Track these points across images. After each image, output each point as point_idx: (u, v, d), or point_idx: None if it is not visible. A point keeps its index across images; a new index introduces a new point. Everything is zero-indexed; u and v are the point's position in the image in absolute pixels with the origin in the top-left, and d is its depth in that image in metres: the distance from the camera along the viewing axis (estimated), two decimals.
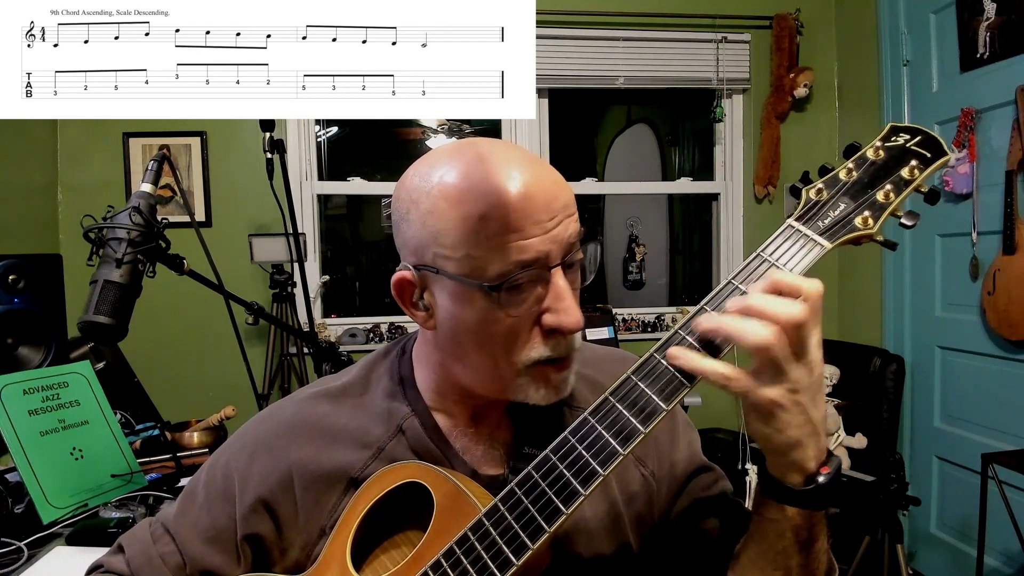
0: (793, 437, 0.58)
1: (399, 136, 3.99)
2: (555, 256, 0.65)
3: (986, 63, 2.42)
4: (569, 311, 0.65)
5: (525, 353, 0.67)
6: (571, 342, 0.68)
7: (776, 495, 0.62)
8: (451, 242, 0.64)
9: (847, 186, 0.63)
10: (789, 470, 0.60)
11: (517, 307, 0.65)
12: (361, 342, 2.99)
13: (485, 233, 0.63)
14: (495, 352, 0.67)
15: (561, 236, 0.65)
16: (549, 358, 0.67)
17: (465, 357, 0.70)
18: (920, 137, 0.64)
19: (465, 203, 0.63)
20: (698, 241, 3.96)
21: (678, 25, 3.17)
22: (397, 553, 0.71)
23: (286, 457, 0.75)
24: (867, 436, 2.64)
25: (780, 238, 0.62)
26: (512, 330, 0.66)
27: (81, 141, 2.87)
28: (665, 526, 0.79)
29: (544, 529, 0.59)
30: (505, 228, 0.62)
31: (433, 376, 0.76)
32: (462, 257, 0.64)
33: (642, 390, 0.60)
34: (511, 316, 0.65)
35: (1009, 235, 2.28)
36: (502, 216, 0.62)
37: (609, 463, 0.59)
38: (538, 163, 0.67)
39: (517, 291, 0.64)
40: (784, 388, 0.56)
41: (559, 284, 0.65)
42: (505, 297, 0.64)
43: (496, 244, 0.63)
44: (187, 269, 1.25)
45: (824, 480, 0.60)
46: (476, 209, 0.63)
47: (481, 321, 0.66)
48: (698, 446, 0.84)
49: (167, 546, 0.77)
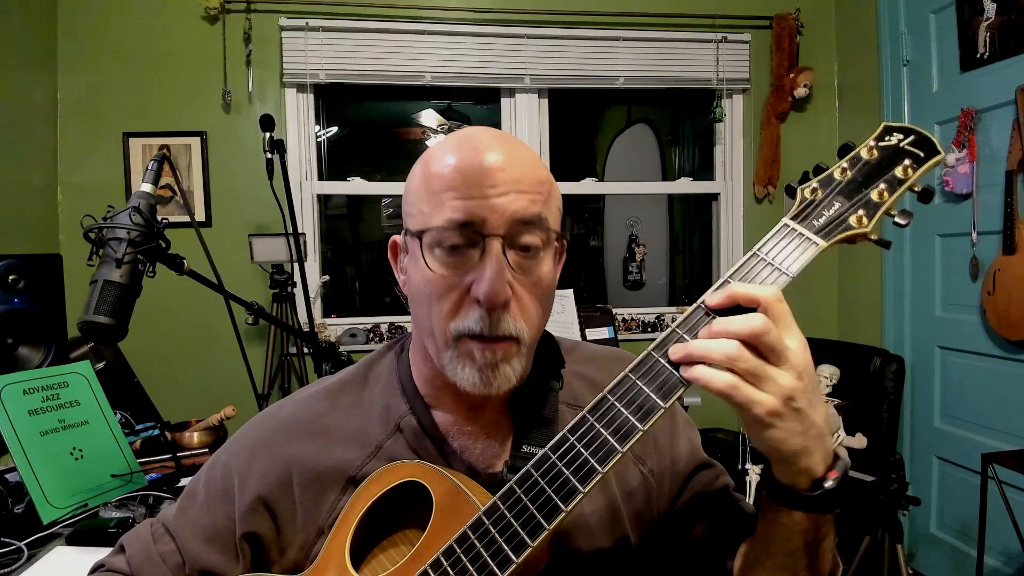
0: (798, 444, 0.57)
1: (399, 136, 3.98)
2: (493, 225, 0.66)
3: (986, 63, 2.42)
4: (489, 281, 0.64)
5: (454, 322, 0.68)
6: (498, 321, 0.66)
7: (785, 501, 0.61)
8: (412, 199, 0.71)
9: (842, 185, 0.64)
10: (797, 477, 0.60)
11: (445, 268, 0.67)
12: (361, 342, 2.99)
13: (432, 189, 0.68)
14: (432, 315, 0.69)
15: (504, 207, 0.66)
16: (472, 332, 0.67)
17: (419, 322, 0.72)
18: (913, 137, 0.64)
19: (426, 164, 0.70)
20: (698, 241, 3.95)
21: (678, 25, 3.17)
22: (396, 552, 0.71)
23: (285, 456, 0.76)
24: (867, 436, 2.64)
25: (776, 237, 0.63)
26: (440, 291, 0.67)
27: (81, 141, 2.87)
28: (667, 522, 0.79)
29: (543, 527, 0.59)
30: (446, 185, 0.67)
31: (423, 365, 0.77)
32: (416, 213, 0.70)
33: (640, 388, 0.60)
34: (431, 271, 0.67)
35: (1009, 235, 2.28)
36: (447, 174, 0.67)
37: (607, 461, 0.59)
38: (512, 144, 0.70)
39: (449, 251, 0.67)
40: (777, 397, 0.56)
41: (490, 253, 0.65)
42: (438, 254, 0.67)
43: (437, 200, 0.67)
44: (187, 269, 1.25)
45: (832, 485, 0.59)
46: (431, 168, 0.69)
47: (420, 279, 0.69)
48: (698, 443, 0.84)
49: (167, 545, 0.78)
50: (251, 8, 2.90)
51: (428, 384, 0.77)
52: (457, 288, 0.67)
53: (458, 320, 0.67)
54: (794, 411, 0.56)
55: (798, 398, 0.56)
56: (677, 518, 0.79)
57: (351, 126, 3.79)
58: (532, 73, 3.10)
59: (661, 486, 0.80)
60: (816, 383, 0.59)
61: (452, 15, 3.06)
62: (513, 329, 0.67)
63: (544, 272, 0.70)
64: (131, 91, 2.88)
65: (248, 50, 2.90)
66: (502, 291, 0.65)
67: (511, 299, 0.67)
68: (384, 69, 3.02)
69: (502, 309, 0.66)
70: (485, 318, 0.66)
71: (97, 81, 2.86)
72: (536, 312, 0.70)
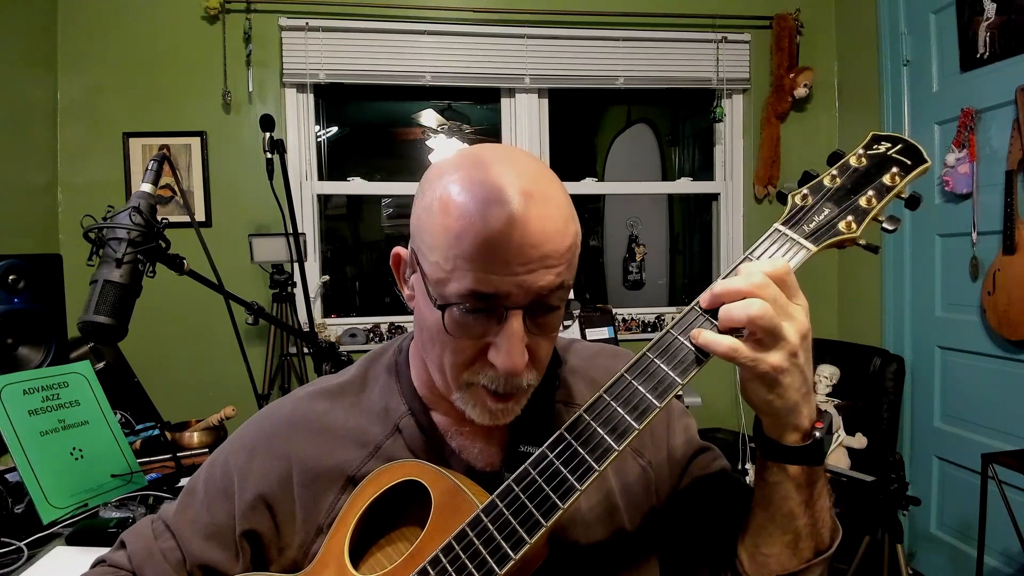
0: (792, 400, 0.61)
1: (399, 136, 3.98)
2: (516, 300, 0.63)
3: (986, 63, 2.42)
4: (509, 354, 0.64)
5: (468, 373, 0.68)
6: (514, 383, 0.67)
7: (777, 456, 0.64)
8: (429, 244, 0.66)
9: (831, 192, 0.66)
10: (787, 430, 0.63)
11: (461, 330, 0.65)
12: (361, 342, 2.99)
13: (455, 251, 0.63)
14: (443, 357, 0.69)
15: (530, 284, 0.63)
16: (486, 387, 0.68)
17: (425, 348, 0.72)
18: (901, 145, 0.67)
19: (450, 215, 0.63)
20: (698, 241, 3.95)
21: (678, 25, 3.17)
22: (394, 551, 0.71)
23: (285, 454, 0.76)
24: (867, 436, 2.64)
25: (767, 241, 0.65)
26: (458, 348, 0.67)
27: (81, 141, 2.87)
28: (670, 509, 0.80)
29: (541, 524, 0.60)
30: (473, 256, 0.62)
31: (423, 368, 0.77)
32: (433, 262, 0.65)
33: (636, 388, 0.61)
34: (451, 336, 0.66)
35: (1009, 235, 2.28)
36: (474, 245, 0.62)
37: (604, 459, 0.60)
38: (541, 200, 0.64)
39: (465, 317, 0.64)
40: (786, 352, 0.59)
41: (511, 326, 0.64)
42: (451, 318, 0.64)
43: (460, 266, 0.63)
44: (187, 269, 1.25)
45: (820, 434, 0.63)
46: (456, 225, 0.63)
47: (434, 327, 0.67)
48: (694, 431, 0.86)
49: (167, 542, 0.78)
50: (251, 8, 2.90)
51: (427, 386, 0.78)
52: (472, 345, 0.67)
53: (471, 373, 0.68)
54: (795, 367, 0.60)
55: (800, 354, 0.60)
56: (680, 504, 0.80)
57: (351, 126, 3.80)
58: (532, 73, 3.10)
59: (660, 476, 0.81)
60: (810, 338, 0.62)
61: (452, 15, 3.06)
62: (525, 383, 0.69)
63: (558, 320, 0.69)
64: (131, 91, 2.88)
65: (248, 50, 2.90)
66: (520, 363, 0.65)
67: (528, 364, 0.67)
68: (384, 69, 3.02)
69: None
70: (499, 381, 0.67)
71: (97, 81, 2.86)
72: (547, 354, 0.71)
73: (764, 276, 0.59)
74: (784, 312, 0.59)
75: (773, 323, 0.58)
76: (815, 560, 0.67)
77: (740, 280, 0.59)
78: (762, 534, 0.68)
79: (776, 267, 0.60)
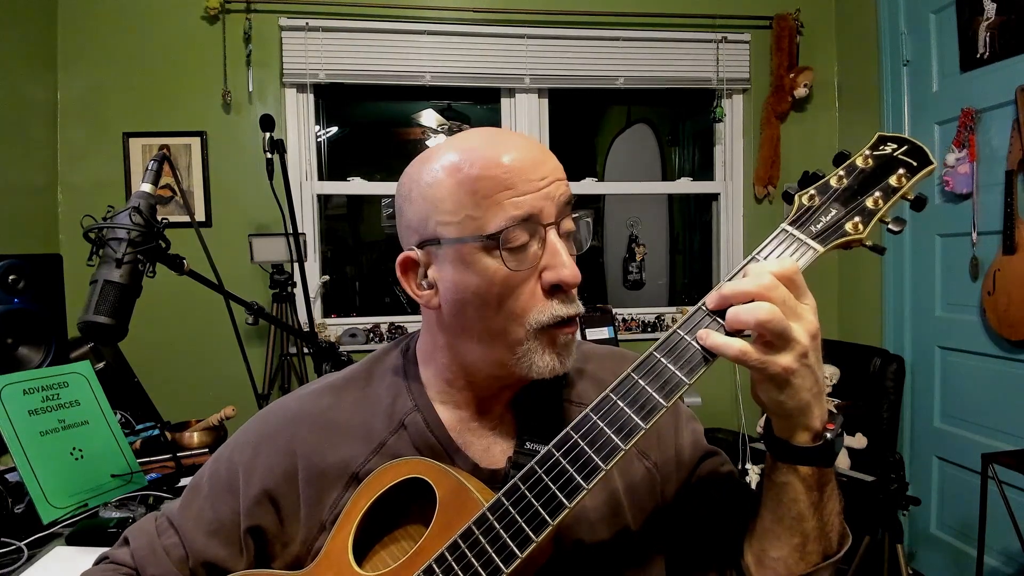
0: (804, 400, 0.61)
1: (399, 136, 3.99)
2: (549, 214, 0.68)
3: (986, 63, 2.42)
4: (567, 265, 0.68)
5: (533, 316, 0.68)
6: (576, 304, 0.70)
7: (787, 457, 0.64)
8: (451, 207, 0.68)
9: (838, 192, 0.66)
10: (798, 431, 0.63)
11: (516, 263, 0.67)
12: (361, 342, 2.99)
13: (482, 193, 0.67)
14: (499, 316, 0.69)
15: (554, 195, 0.68)
16: (558, 319, 0.69)
17: (471, 329, 0.71)
18: (907, 147, 0.67)
19: (462, 169, 0.68)
20: (698, 241, 3.95)
21: (678, 25, 3.17)
22: (398, 549, 0.71)
23: (290, 450, 0.76)
24: (867, 436, 2.64)
25: (775, 242, 0.65)
26: (514, 288, 0.68)
27: (81, 141, 2.86)
28: (675, 511, 0.80)
29: (548, 523, 0.60)
30: (499, 186, 0.66)
31: (439, 365, 0.77)
32: (462, 220, 0.67)
33: (642, 388, 0.61)
34: (512, 270, 0.67)
35: (1009, 235, 2.28)
36: (496, 176, 0.67)
37: (611, 458, 0.60)
38: (525, 137, 0.73)
39: (514, 250, 0.67)
40: (796, 354, 0.59)
41: (554, 241, 0.68)
42: (505, 253, 0.66)
43: (492, 202, 0.66)
44: (187, 269, 1.25)
45: (832, 436, 0.63)
46: (472, 172, 0.67)
47: (483, 283, 0.68)
48: (702, 435, 0.85)
49: (171, 538, 0.78)
50: (251, 8, 2.90)
51: (438, 380, 0.77)
52: (527, 282, 0.68)
53: (536, 313, 0.68)
54: (806, 367, 0.60)
55: (810, 354, 0.60)
56: (686, 506, 0.80)
57: (351, 126, 3.80)
58: (532, 73, 3.10)
59: (666, 478, 0.80)
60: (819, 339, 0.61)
61: (452, 15, 3.06)
62: (580, 307, 0.71)
63: (578, 243, 0.74)
64: (131, 91, 2.88)
65: (248, 50, 2.90)
66: (576, 269, 0.68)
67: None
68: (384, 69, 3.02)
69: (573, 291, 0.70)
70: (566, 301, 0.69)
71: (97, 81, 2.86)
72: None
73: (773, 278, 0.59)
74: (793, 313, 0.59)
75: (782, 326, 0.58)
76: (822, 564, 0.67)
77: (748, 282, 0.59)
78: (769, 537, 0.68)
79: (784, 267, 0.60)
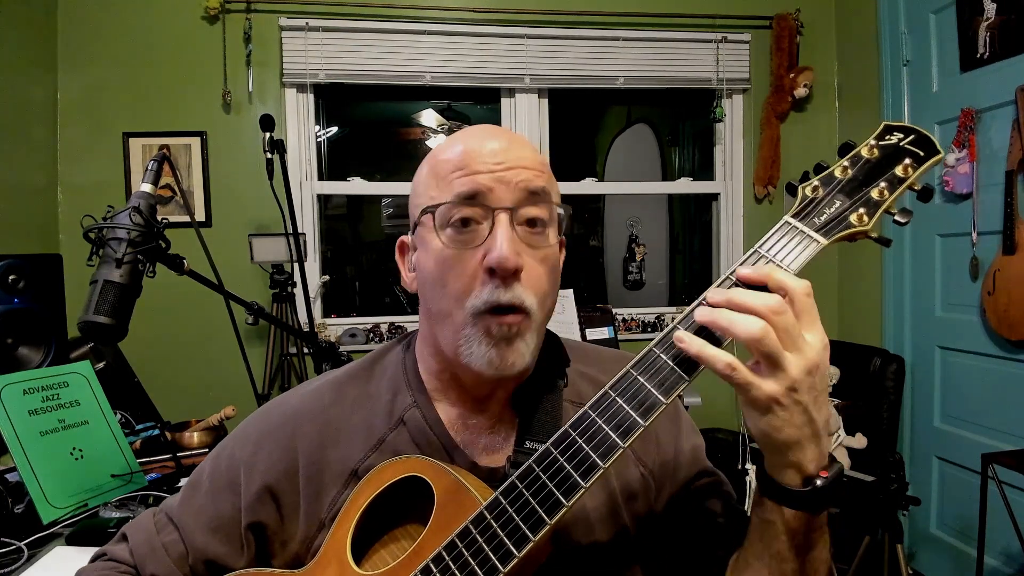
0: (791, 436, 0.57)
1: (399, 136, 3.99)
2: (500, 197, 0.69)
3: (986, 63, 2.42)
4: (499, 248, 0.66)
5: (471, 300, 0.68)
6: (514, 292, 0.68)
7: (772, 494, 0.61)
8: (422, 190, 0.74)
9: (842, 184, 0.64)
10: (787, 470, 0.60)
11: (456, 244, 0.69)
12: (361, 342, 2.99)
13: (440, 174, 0.72)
14: (448, 296, 0.70)
15: (510, 180, 0.69)
16: (490, 305, 0.67)
17: (431, 309, 0.73)
18: (913, 136, 0.65)
19: (433, 156, 0.75)
20: (698, 241, 3.95)
21: (678, 25, 3.17)
22: (397, 547, 0.71)
23: (292, 446, 0.76)
24: (867, 436, 2.64)
25: (778, 234, 0.63)
26: (456, 268, 0.69)
27: (81, 141, 2.86)
28: (664, 524, 0.79)
29: (545, 521, 0.60)
30: (453, 167, 0.71)
31: (429, 357, 0.77)
32: (426, 200, 0.72)
33: (641, 384, 0.60)
34: (445, 246, 0.69)
35: (1009, 235, 2.28)
36: (453, 158, 0.71)
37: (609, 456, 0.59)
38: (511, 134, 0.75)
39: (459, 228, 0.69)
40: (783, 385, 0.56)
41: (500, 225, 0.68)
42: (449, 233, 0.69)
43: (446, 182, 0.71)
44: (187, 269, 1.25)
45: (822, 484, 0.59)
46: (438, 158, 0.74)
47: (433, 262, 0.70)
48: (702, 451, 0.84)
49: (170, 535, 0.78)
50: (251, 8, 2.90)
51: (435, 378, 0.78)
52: (469, 264, 0.68)
53: (473, 297, 0.68)
54: (795, 403, 0.56)
55: (802, 391, 0.56)
56: (674, 522, 0.79)
57: (351, 126, 3.80)
58: (532, 73, 3.10)
59: (661, 488, 0.79)
60: (827, 385, 0.59)
61: (452, 15, 3.06)
62: (524, 299, 0.68)
63: (550, 248, 0.72)
64: (131, 91, 2.88)
65: (248, 50, 2.90)
66: (513, 256, 0.67)
67: (522, 268, 0.68)
68: (384, 69, 3.01)
69: (512, 278, 0.68)
70: (499, 286, 0.67)
71: (97, 81, 2.85)
72: (544, 287, 0.71)
73: (783, 303, 0.56)
74: (792, 342, 0.56)
75: (774, 349, 0.55)
76: None
77: (758, 299, 0.56)
78: (749, 571, 0.66)
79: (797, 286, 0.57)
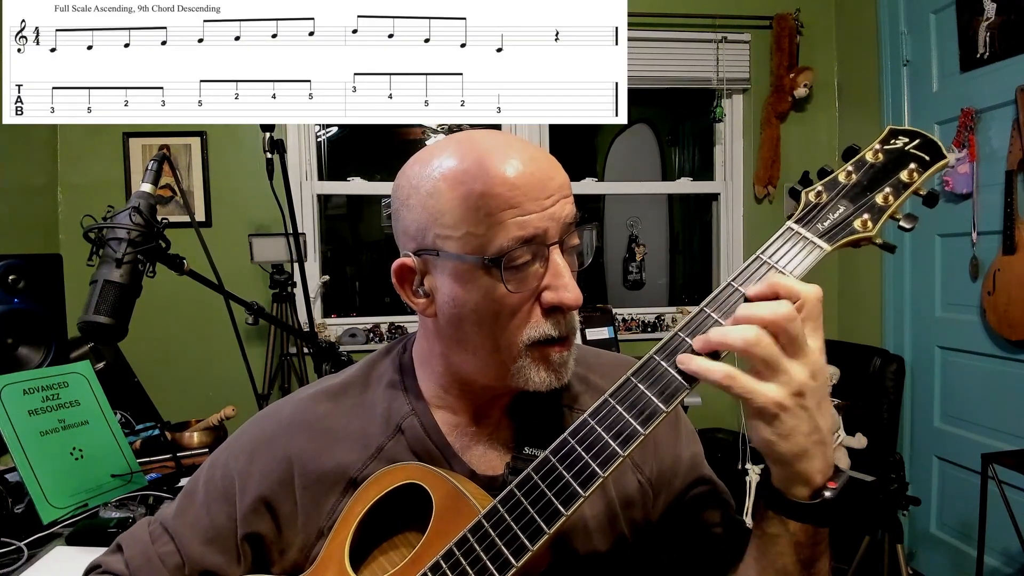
0: (800, 445, 0.56)
1: (399, 136, 3.99)
2: (553, 234, 0.66)
3: (986, 63, 2.42)
4: (568, 287, 0.67)
5: (526, 332, 0.67)
6: (571, 321, 0.69)
7: (780, 508, 0.60)
8: (452, 221, 0.66)
9: (846, 189, 0.63)
10: (794, 482, 0.58)
11: (517, 284, 0.66)
12: (361, 342, 2.99)
13: (485, 210, 0.64)
14: (496, 332, 0.68)
15: (558, 215, 0.66)
16: (549, 337, 0.68)
17: (466, 341, 0.70)
18: (919, 140, 0.64)
19: (465, 183, 0.65)
20: (698, 241, 3.96)
21: (678, 25, 3.17)
22: (396, 555, 0.70)
23: (287, 456, 0.75)
24: (867, 436, 2.63)
25: (780, 240, 0.62)
26: (512, 308, 0.67)
27: (81, 141, 2.86)
28: (662, 533, 0.78)
29: (544, 530, 0.59)
30: (504, 205, 0.64)
31: (434, 371, 0.76)
32: (463, 235, 0.66)
33: (642, 392, 0.59)
34: (511, 292, 0.65)
35: (1009, 235, 2.28)
36: (501, 193, 0.64)
37: (609, 464, 0.58)
38: (533, 147, 0.69)
39: (516, 268, 0.66)
40: (787, 389, 0.55)
41: (557, 262, 0.67)
42: (505, 273, 0.65)
43: (495, 221, 0.64)
44: (187, 269, 1.25)
45: (831, 495, 0.58)
46: (476, 187, 0.65)
47: (482, 300, 0.67)
48: (701, 458, 0.83)
49: (166, 546, 0.77)
50: None
51: (434, 385, 0.77)
52: (526, 301, 0.67)
53: (530, 329, 0.68)
54: (802, 408, 0.56)
55: (808, 396, 0.56)
56: (670, 531, 0.78)
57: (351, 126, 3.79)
58: None
59: (658, 496, 0.79)
60: (827, 389, 0.58)
61: None
62: (575, 326, 0.70)
63: (580, 259, 0.73)
64: None
65: None
66: (580, 295, 0.67)
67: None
68: None
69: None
70: (561, 322, 0.68)
71: None
72: None
73: (792, 310, 0.55)
74: (796, 348, 0.56)
75: (771, 353, 0.55)
76: None
77: (767, 310, 0.55)
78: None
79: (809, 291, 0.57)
